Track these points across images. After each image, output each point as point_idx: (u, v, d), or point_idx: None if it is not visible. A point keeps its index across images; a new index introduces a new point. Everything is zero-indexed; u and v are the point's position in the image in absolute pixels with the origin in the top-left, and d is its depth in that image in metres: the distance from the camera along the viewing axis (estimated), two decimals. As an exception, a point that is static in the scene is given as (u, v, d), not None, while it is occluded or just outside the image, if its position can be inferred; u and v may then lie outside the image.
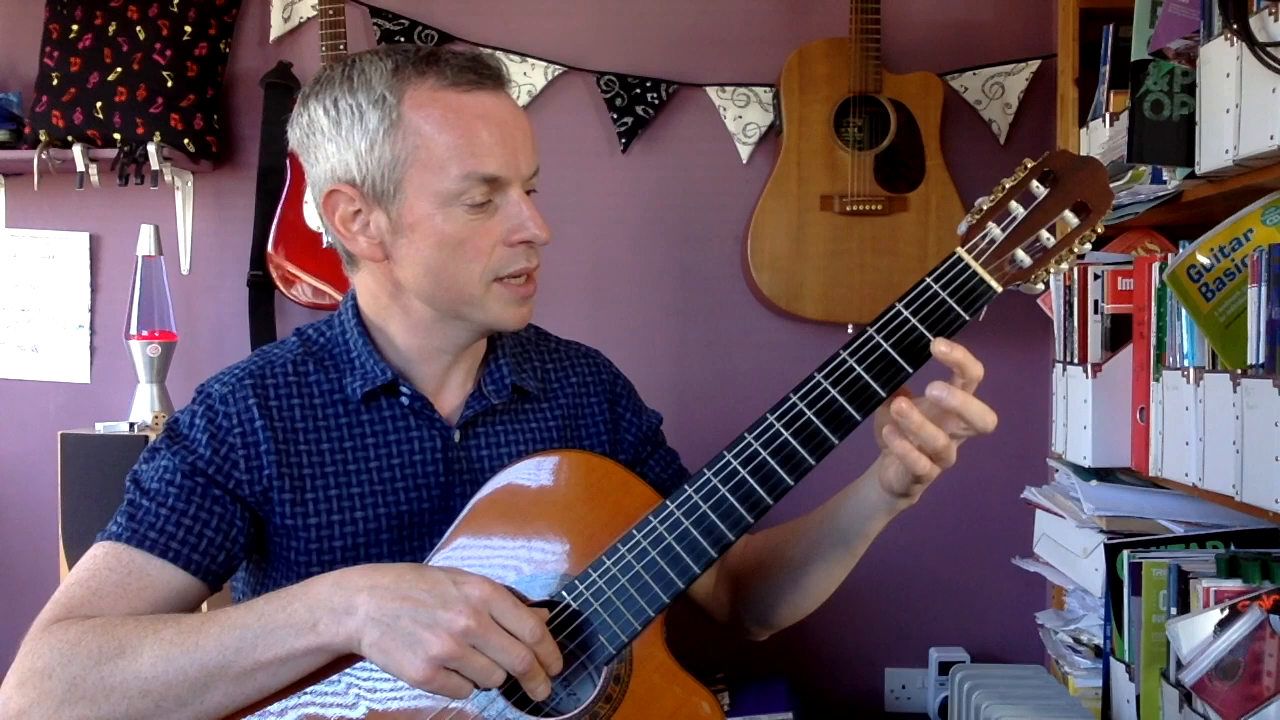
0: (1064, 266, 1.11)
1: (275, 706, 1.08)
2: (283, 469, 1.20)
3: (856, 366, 1.09)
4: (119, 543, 1.15)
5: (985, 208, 1.11)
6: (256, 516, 1.21)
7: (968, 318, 1.09)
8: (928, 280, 1.09)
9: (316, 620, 1.04)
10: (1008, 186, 1.10)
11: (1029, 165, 1.11)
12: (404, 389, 1.24)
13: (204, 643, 1.05)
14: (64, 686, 1.05)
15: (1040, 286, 1.11)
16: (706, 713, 1.13)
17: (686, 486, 1.10)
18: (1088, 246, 1.11)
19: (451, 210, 1.17)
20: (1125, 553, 1.67)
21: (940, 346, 1.07)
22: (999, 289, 1.09)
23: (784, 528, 1.34)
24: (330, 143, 1.19)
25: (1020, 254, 1.09)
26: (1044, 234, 1.09)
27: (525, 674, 1.03)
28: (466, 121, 1.17)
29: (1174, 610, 1.55)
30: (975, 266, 1.09)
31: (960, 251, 1.10)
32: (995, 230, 1.09)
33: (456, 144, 1.16)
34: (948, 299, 1.09)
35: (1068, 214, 1.09)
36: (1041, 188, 1.09)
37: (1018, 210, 1.09)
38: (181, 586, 1.16)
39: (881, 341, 1.09)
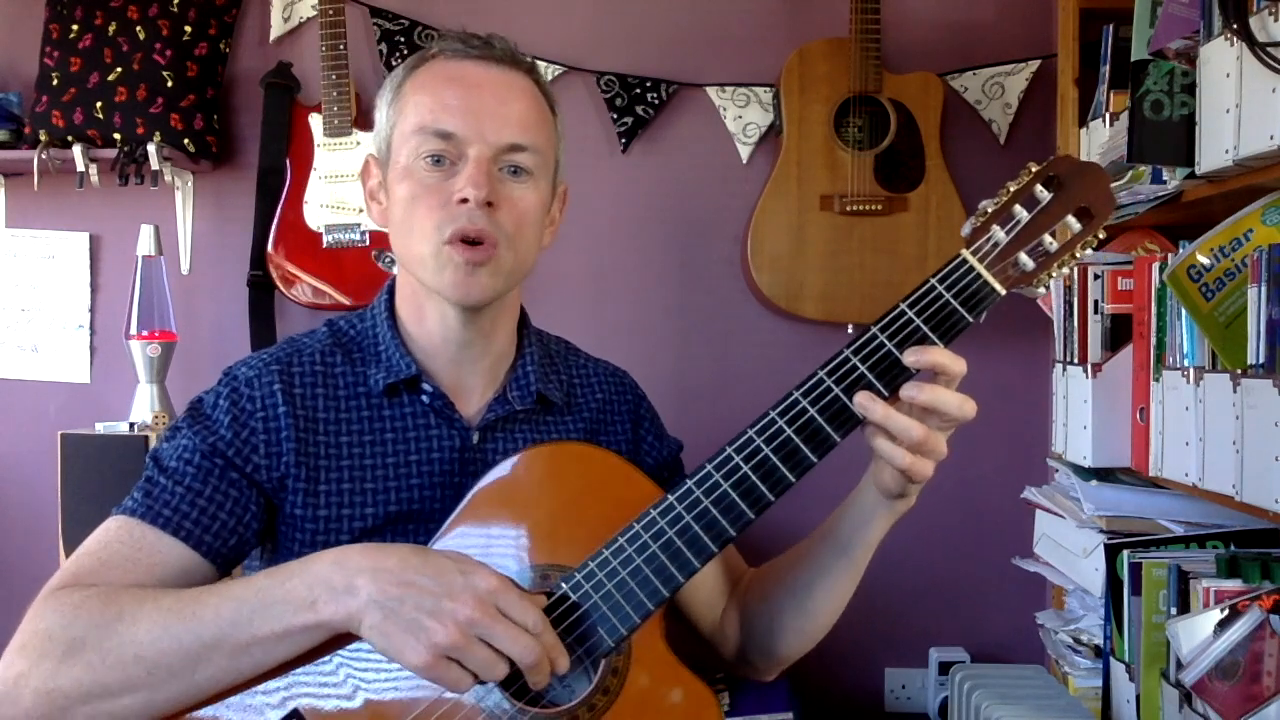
0: (1065, 270, 1.11)
1: (267, 687, 1.07)
2: (300, 458, 1.20)
3: (860, 365, 1.09)
4: (133, 518, 1.16)
5: (990, 210, 1.11)
6: (270, 503, 1.22)
7: (971, 319, 1.09)
8: (932, 281, 1.09)
9: (315, 598, 1.04)
10: (1012, 190, 1.11)
11: (1033, 169, 1.11)
12: (426, 385, 1.25)
13: (201, 613, 1.05)
14: (63, 649, 1.05)
15: (1041, 290, 1.11)
16: (704, 706, 1.13)
17: (688, 480, 1.10)
18: (1089, 251, 1.11)
19: (413, 166, 1.21)
20: (1125, 553, 1.67)
21: (909, 357, 1.08)
22: (1002, 291, 1.10)
23: (786, 554, 1.33)
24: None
25: (1023, 257, 1.10)
26: (1047, 238, 1.10)
27: (533, 666, 1.03)
28: (437, 82, 1.22)
29: (1174, 610, 1.55)
30: (979, 269, 1.09)
31: (965, 253, 1.10)
32: (999, 233, 1.10)
33: (421, 101, 1.22)
34: (951, 300, 1.09)
35: (1070, 219, 1.10)
36: (1045, 192, 1.10)
37: (1021, 214, 1.10)
38: (189, 566, 1.16)
39: (885, 341, 1.09)
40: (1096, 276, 1.83)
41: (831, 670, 2.49)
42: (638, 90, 2.48)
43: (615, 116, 2.48)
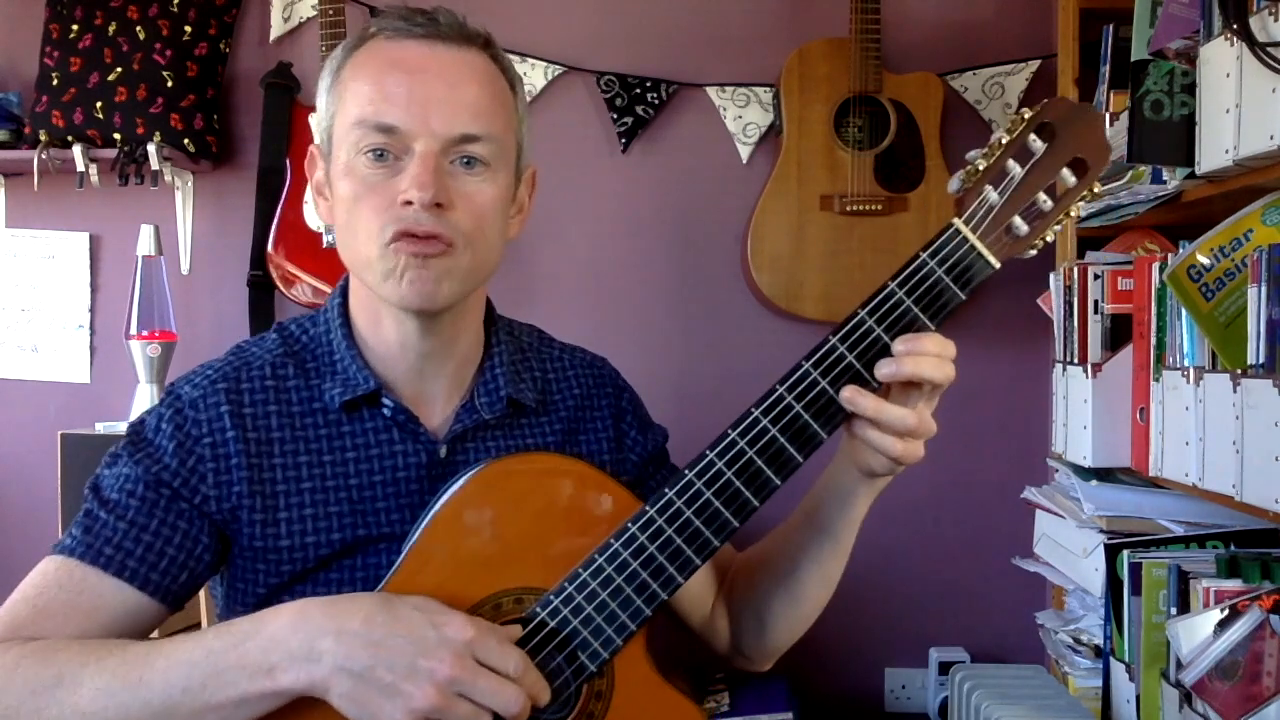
0: (1057, 229, 1.03)
1: None
2: (254, 486, 1.11)
3: (848, 354, 1.02)
4: (71, 558, 1.07)
5: (981, 166, 1.01)
6: (223, 535, 1.12)
7: (964, 296, 1.01)
8: (923, 256, 1.01)
9: (273, 665, 0.96)
10: (1004, 141, 1.01)
11: (1025, 116, 1.01)
12: (386, 400, 1.15)
13: (149, 678, 0.97)
14: None
15: (1032, 252, 1.02)
16: None
17: (668, 490, 1.03)
18: (1080, 205, 1.03)
19: (355, 161, 1.10)
20: (1125, 553, 1.67)
21: (900, 345, 1.00)
22: (997, 265, 1.00)
23: (767, 540, 1.26)
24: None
25: (1018, 222, 1.01)
26: (1041, 196, 1.00)
27: (517, 715, 0.97)
28: (377, 66, 1.11)
29: (1174, 610, 1.55)
30: (973, 239, 1.00)
31: (957, 223, 1.01)
32: (992, 194, 1.00)
33: (360, 90, 1.10)
34: (943, 276, 1.01)
35: (1065, 172, 1.00)
36: (1039, 142, 1.00)
37: (1015, 170, 1.00)
38: (136, 608, 1.07)
39: (874, 325, 1.01)
40: (1096, 276, 1.83)
41: (831, 670, 2.49)
42: (638, 90, 2.48)
43: (615, 116, 2.48)
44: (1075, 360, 1.88)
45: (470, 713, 0.96)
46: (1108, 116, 1.91)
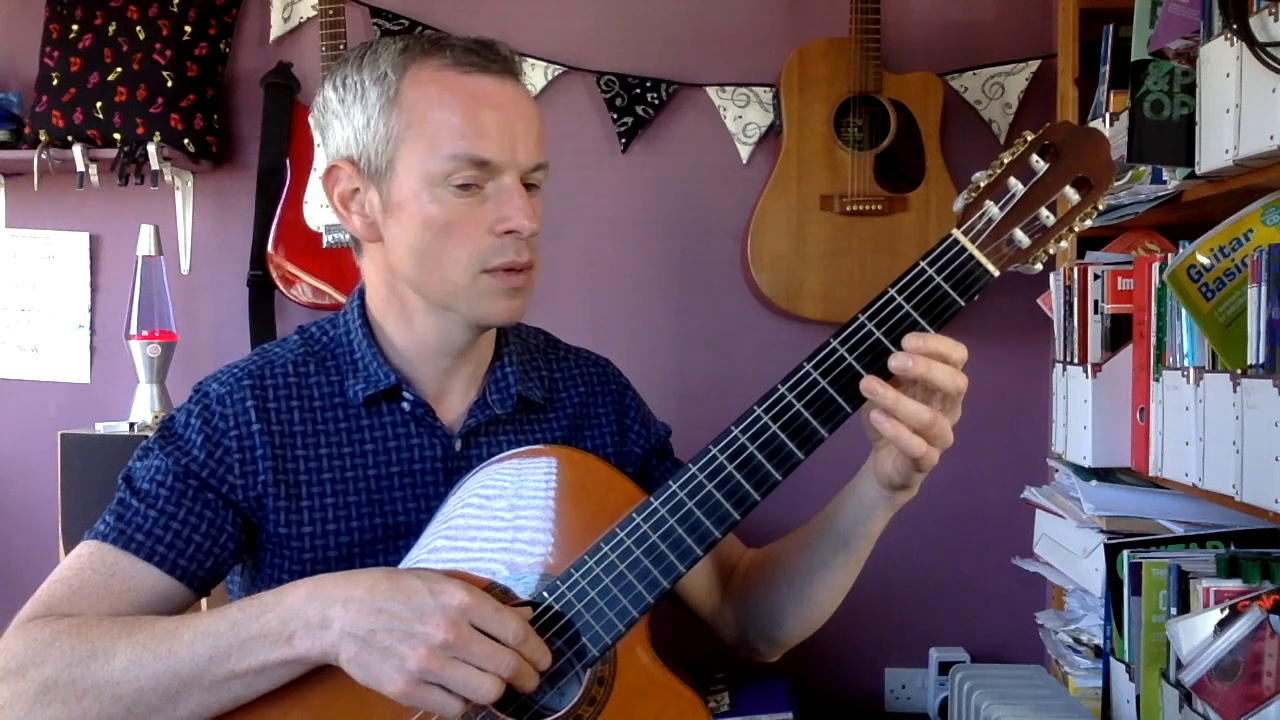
0: (1063, 245, 1.06)
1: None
2: (278, 475, 1.18)
3: (847, 355, 1.05)
4: (105, 543, 1.13)
5: (983, 184, 1.06)
6: (249, 523, 1.19)
7: (963, 303, 1.04)
8: (922, 264, 1.05)
9: (292, 633, 1.02)
10: (1006, 162, 1.06)
11: (1028, 138, 1.06)
12: (406, 394, 1.21)
13: (177, 649, 1.03)
14: (36, 687, 1.04)
15: (1038, 267, 1.06)
16: (692, 714, 1.10)
17: (671, 483, 1.06)
18: (1088, 223, 1.06)
19: (439, 191, 1.15)
20: (1125, 553, 1.67)
21: (911, 342, 1.03)
22: (996, 273, 1.04)
23: (784, 540, 1.30)
24: (336, 120, 1.20)
25: (1019, 234, 1.04)
26: (1044, 211, 1.04)
27: (514, 677, 1.01)
28: (463, 102, 1.16)
29: (1174, 610, 1.55)
30: (972, 249, 1.04)
31: (956, 233, 1.05)
32: (993, 209, 1.05)
33: (450, 123, 1.15)
34: (943, 284, 1.04)
35: (1068, 190, 1.04)
36: (1041, 162, 1.05)
37: (1017, 187, 1.05)
38: (164, 591, 1.14)
39: (874, 329, 1.05)
40: (1096, 276, 1.83)
41: (831, 670, 2.49)
42: (638, 90, 2.48)
43: (615, 116, 2.48)
44: (1075, 360, 1.88)
45: (467, 677, 1.00)
46: (1108, 116, 1.91)
